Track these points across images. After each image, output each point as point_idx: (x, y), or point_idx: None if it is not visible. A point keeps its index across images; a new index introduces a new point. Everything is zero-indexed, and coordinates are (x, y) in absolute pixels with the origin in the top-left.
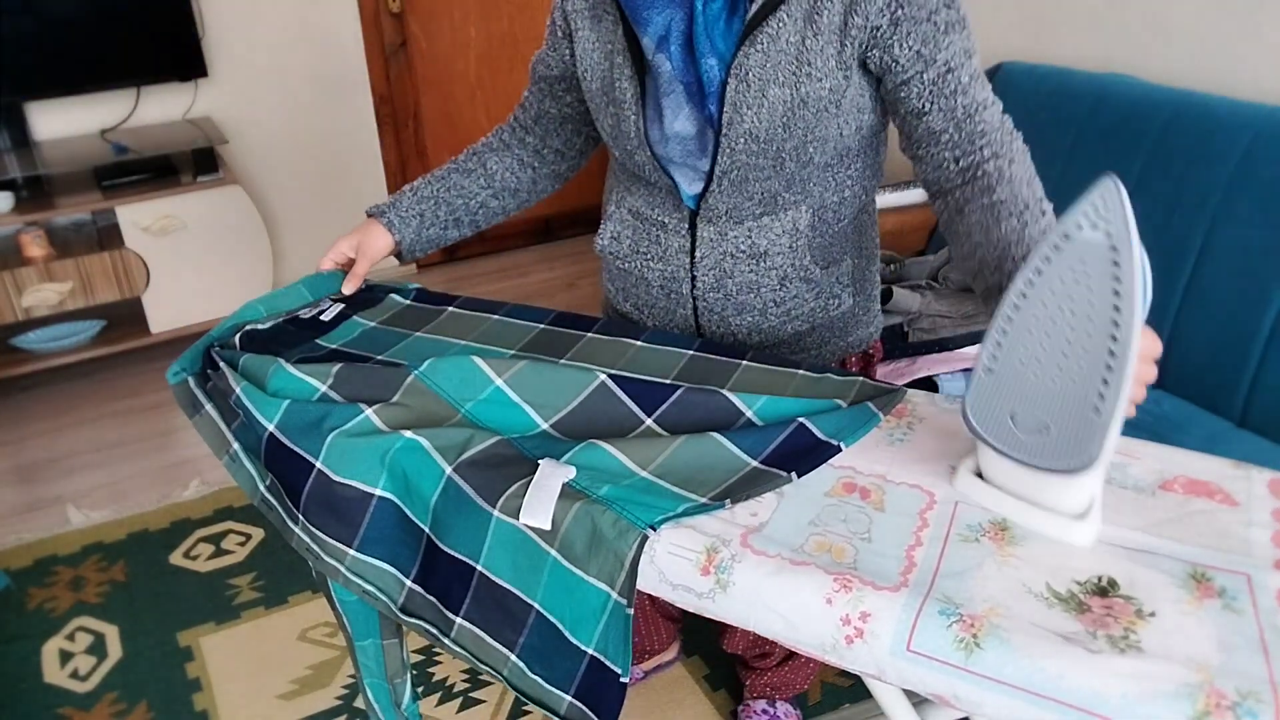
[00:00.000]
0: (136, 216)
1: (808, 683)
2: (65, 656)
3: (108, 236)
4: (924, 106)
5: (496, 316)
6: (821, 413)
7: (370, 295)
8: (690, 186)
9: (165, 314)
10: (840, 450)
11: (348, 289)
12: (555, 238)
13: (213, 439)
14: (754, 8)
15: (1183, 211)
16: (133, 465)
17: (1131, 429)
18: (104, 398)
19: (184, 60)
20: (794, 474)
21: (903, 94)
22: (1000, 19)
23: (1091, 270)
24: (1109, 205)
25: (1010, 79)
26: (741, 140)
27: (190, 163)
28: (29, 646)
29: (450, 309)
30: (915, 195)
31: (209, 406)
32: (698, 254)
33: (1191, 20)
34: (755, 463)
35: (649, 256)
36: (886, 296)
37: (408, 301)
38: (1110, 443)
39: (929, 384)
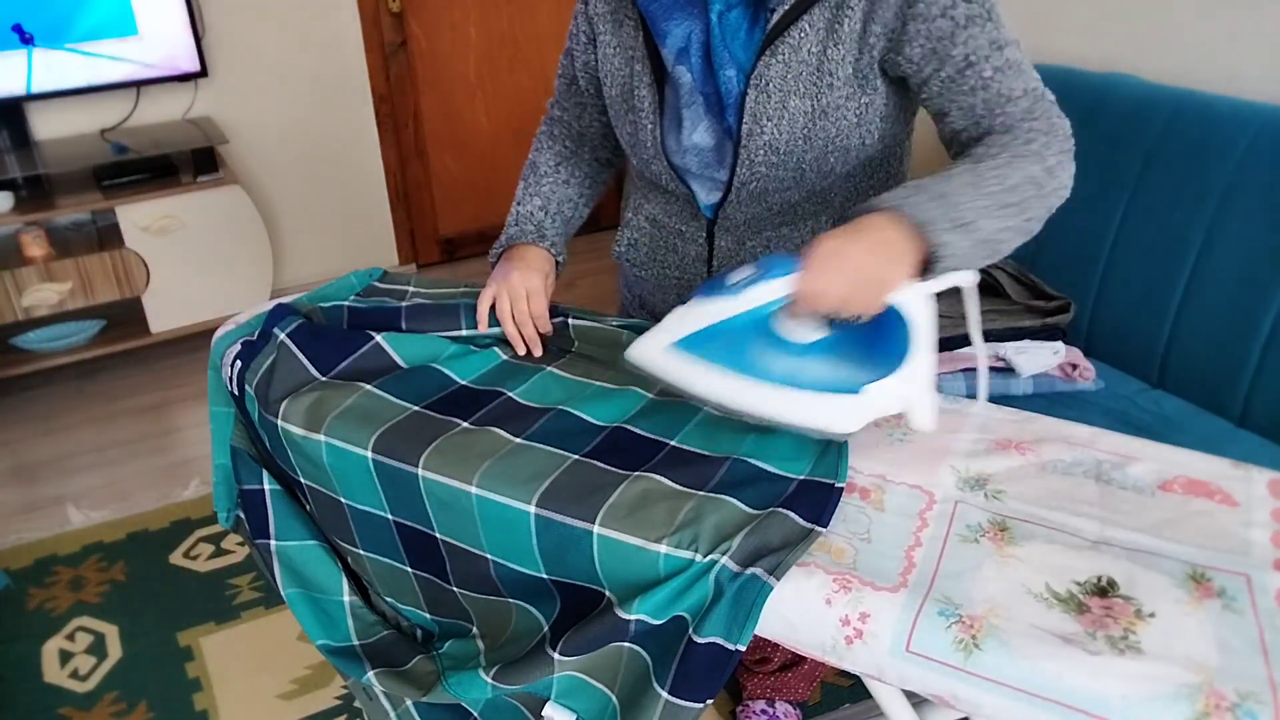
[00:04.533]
0: (136, 216)
1: (809, 690)
2: (65, 656)
3: (108, 236)
4: (944, 107)
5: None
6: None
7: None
8: (708, 196)
9: (165, 314)
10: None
11: (544, 328)
12: None
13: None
14: (775, 17)
15: (1183, 211)
16: (133, 465)
17: (1132, 429)
18: (104, 398)
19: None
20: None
21: (923, 95)
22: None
23: None
24: None
25: None
26: (761, 152)
27: (190, 163)
28: (29, 646)
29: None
30: None
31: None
32: (715, 262)
33: (1191, 20)
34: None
35: (666, 264)
36: None
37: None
38: None
39: None
